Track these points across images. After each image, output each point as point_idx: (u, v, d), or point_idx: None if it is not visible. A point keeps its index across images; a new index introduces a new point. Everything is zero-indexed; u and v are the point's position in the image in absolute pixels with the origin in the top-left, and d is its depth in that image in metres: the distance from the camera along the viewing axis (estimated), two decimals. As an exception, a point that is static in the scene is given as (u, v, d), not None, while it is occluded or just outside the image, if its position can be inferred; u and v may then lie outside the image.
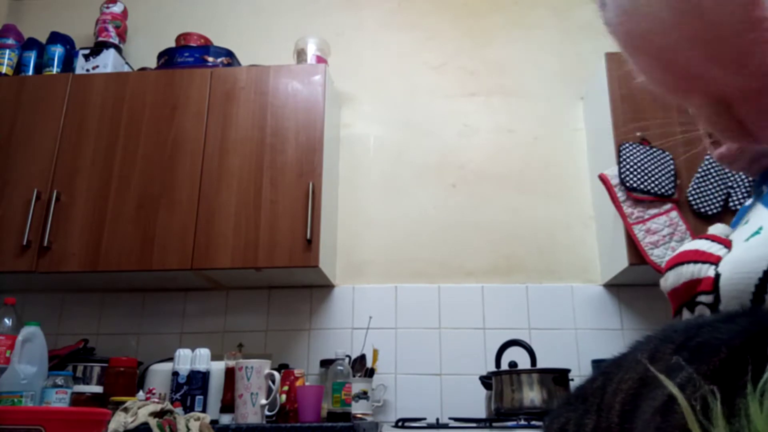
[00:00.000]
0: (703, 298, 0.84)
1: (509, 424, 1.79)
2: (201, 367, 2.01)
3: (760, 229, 0.85)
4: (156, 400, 1.82)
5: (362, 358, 2.25)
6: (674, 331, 0.57)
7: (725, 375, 0.45)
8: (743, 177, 2.12)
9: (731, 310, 0.57)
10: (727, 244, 0.88)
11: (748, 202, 1.03)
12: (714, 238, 0.93)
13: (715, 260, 0.86)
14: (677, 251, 0.95)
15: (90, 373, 2.13)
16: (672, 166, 2.19)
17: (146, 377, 2.11)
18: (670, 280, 0.93)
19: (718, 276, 0.83)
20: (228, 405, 1.94)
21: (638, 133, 2.25)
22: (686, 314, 0.91)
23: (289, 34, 2.74)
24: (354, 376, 2.13)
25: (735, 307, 0.80)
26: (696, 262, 0.88)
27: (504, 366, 2.01)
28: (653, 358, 0.56)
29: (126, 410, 1.63)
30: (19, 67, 2.64)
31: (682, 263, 0.91)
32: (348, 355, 2.21)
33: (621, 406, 0.56)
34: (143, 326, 2.52)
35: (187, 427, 1.63)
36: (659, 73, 0.51)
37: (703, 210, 2.13)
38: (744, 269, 0.80)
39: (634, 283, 2.36)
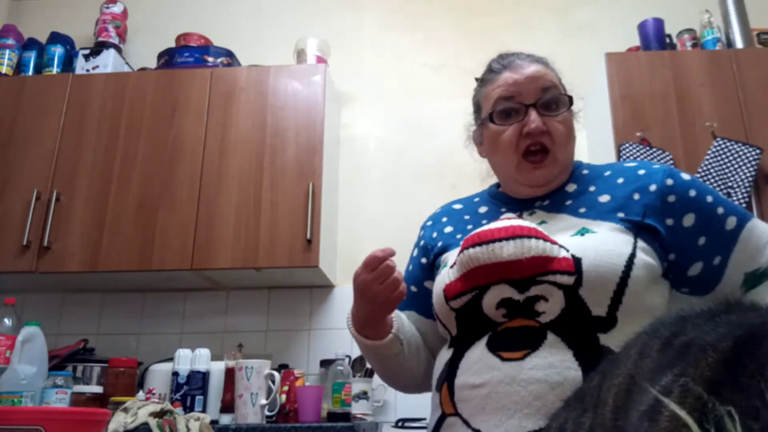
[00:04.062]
0: (562, 278, 0.86)
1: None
2: (201, 367, 2.01)
3: (585, 230, 0.93)
4: (156, 400, 1.82)
5: (362, 358, 2.25)
6: (662, 325, 0.57)
7: (716, 380, 0.45)
8: (743, 177, 2.12)
9: (710, 306, 0.57)
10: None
11: (483, 209, 1.11)
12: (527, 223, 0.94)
13: (555, 242, 0.89)
14: (500, 225, 0.92)
15: (90, 373, 2.13)
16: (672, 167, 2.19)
17: (146, 377, 2.11)
18: (509, 251, 0.88)
19: (578, 259, 0.86)
20: (228, 405, 1.94)
21: (638, 133, 2.25)
22: (507, 290, 0.88)
23: (289, 34, 2.73)
24: (354, 376, 2.13)
25: (601, 291, 0.86)
26: (543, 240, 0.89)
27: (504, 366, 2.00)
28: (642, 354, 0.56)
29: (126, 410, 1.63)
30: (19, 67, 2.64)
31: (527, 237, 0.89)
32: (348, 355, 2.21)
33: (614, 402, 0.56)
34: (143, 326, 2.52)
35: (187, 427, 1.63)
36: None
37: (703, 210, 2.13)
38: (608, 259, 0.86)
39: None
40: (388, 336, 1.02)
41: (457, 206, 1.18)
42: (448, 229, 1.12)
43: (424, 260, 1.15)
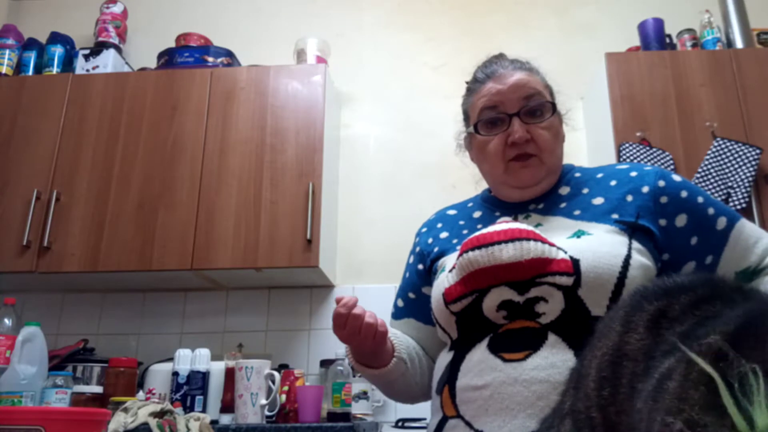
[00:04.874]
0: (561, 279, 0.87)
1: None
2: (201, 367, 2.01)
3: (581, 232, 0.94)
4: (156, 400, 1.82)
5: (362, 358, 2.25)
6: (644, 298, 0.57)
7: (721, 359, 0.45)
8: (743, 177, 2.12)
9: (685, 280, 0.57)
10: None
11: (478, 214, 1.12)
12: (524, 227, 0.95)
13: (553, 245, 0.90)
14: (498, 228, 0.92)
15: (90, 373, 2.13)
16: (672, 167, 2.19)
17: (146, 377, 2.11)
18: (508, 253, 0.89)
19: (576, 261, 0.87)
20: (228, 405, 1.94)
21: (638, 133, 2.25)
22: (507, 292, 0.88)
23: (289, 34, 2.73)
24: (354, 376, 2.13)
25: (600, 291, 0.86)
26: (542, 242, 0.90)
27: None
28: (628, 329, 0.55)
29: (126, 410, 1.63)
30: (19, 67, 2.64)
31: (526, 239, 0.90)
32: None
33: (597, 372, 0.55)
34: (143, 326, 2.52)
35: (187, 427, 1.63)
36: None
37: (703, 210, 2.13)
38: (605, 260, 0.88)
39: (634, 284, 2.36)
40: (392, 361, 1.03)
41: (452, 212, 1.19)
42: (444, 235, 1.12)
43: (420, 266, 1.15)
